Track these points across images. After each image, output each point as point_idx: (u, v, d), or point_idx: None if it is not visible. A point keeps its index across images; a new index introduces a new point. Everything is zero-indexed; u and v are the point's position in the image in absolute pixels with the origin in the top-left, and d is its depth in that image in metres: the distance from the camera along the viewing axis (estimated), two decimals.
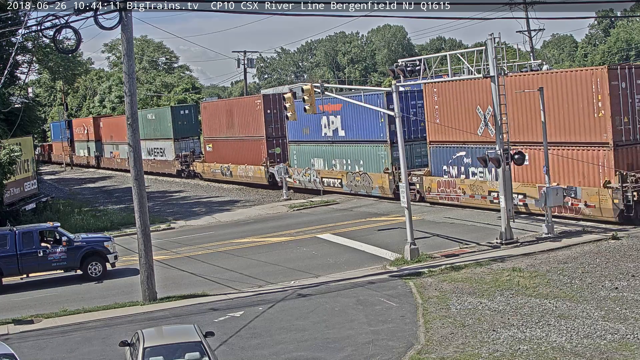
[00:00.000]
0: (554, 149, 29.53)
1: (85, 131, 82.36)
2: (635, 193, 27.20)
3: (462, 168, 34.64)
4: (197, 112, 64.02)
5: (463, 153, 34.25)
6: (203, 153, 60.02)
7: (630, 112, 28.16)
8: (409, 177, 32.38)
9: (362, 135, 40.82)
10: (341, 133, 42.61)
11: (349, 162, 42.39)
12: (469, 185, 33.97)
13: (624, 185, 27.37)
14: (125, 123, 23.30)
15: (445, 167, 35.63)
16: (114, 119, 76.92)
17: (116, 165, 73.24)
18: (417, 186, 36.90)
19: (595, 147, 28.42)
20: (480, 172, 33.57)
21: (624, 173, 27.51)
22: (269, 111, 49.68)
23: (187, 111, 63.62)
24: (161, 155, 65.16)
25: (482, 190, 33.22)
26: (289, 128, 47.46)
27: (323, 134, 44.23)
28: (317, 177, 45.01)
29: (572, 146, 29.30)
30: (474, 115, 33.50)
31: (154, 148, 65.85)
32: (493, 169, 31.47)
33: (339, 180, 43.23)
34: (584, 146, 28.86)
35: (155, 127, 65.25)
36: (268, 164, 49.01)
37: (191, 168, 60.72)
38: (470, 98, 33.71)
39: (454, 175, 35.05)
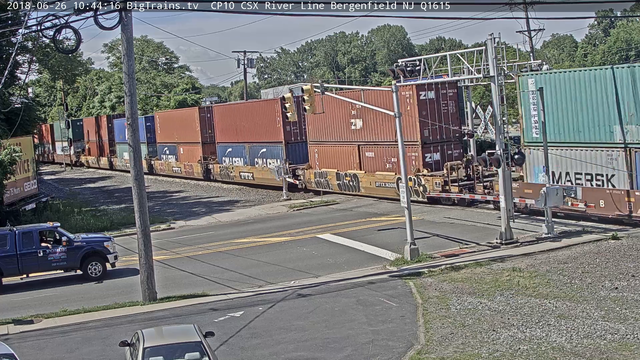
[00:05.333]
0: None
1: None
2: None
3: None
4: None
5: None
6: (85, 150, 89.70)
7: None
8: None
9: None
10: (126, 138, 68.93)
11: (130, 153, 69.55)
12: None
13: None
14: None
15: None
16: (46, 126, 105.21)
17: (51, 159, 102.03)
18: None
19: None
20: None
21: None
22: (110, 125, 78.64)
23: (80, 122, 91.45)
24: (68, 152, 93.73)
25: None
26: (115, 135, 77.54)
27: (127, 138, 68.33)
28: (125, 163, 71.88)
29: None
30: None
31: (64, 146, 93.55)
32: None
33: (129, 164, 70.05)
34: None
35: (65, 132, 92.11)
36: (110, 156, 79.75)
37: (81, 159, 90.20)
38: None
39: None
